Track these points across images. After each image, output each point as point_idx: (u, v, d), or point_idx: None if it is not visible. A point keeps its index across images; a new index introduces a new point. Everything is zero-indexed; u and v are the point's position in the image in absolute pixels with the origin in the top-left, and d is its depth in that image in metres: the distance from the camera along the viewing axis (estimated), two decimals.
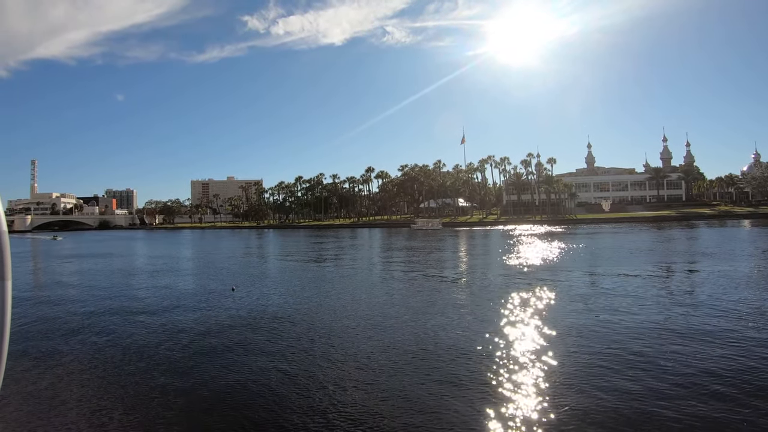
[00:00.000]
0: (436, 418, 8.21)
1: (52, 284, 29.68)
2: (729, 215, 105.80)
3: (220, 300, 20.86)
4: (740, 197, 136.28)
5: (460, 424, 7.97)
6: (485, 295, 20.13)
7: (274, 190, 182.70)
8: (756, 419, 7.74)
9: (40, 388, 10.29)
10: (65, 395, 9.89)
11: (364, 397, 9.25)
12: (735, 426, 7.58)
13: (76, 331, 15.72)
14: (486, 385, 9.54)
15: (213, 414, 8.85)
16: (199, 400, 9.45)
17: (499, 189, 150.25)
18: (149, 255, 53.47)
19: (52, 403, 9.48)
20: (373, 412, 8.54)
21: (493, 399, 8.86)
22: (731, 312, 15.15)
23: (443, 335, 13.50)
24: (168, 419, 8.62)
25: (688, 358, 10.67)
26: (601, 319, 14.77)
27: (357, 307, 18.64)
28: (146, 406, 9.20)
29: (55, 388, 10.31)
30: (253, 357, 12.09)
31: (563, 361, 10.71)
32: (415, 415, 8.31)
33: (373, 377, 10.30)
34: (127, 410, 9.02)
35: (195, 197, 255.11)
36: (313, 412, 8.62)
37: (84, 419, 8.71)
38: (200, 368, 11.31)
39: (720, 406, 8.18)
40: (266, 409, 8.86)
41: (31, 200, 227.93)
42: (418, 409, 8.57)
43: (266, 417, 8.54)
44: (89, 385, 10.40)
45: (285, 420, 8.37)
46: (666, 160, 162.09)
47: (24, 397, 9.76)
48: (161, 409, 9.04)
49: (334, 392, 9.49)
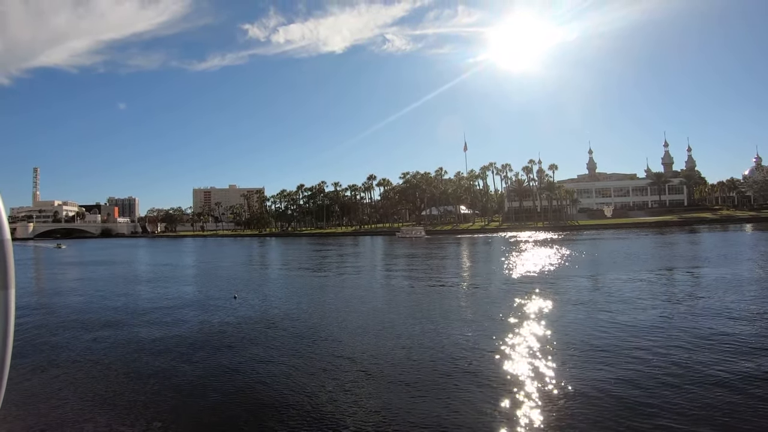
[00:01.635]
0: (437, 417, 8.25)
1: (55, 292, 29.76)
2: (731, 219, 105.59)
3: (222, 307, 20.90)
4: (742, 201, 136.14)
5: (460, 424, 8.03)
6: (486, 302, 20.12)
7: (276, 198, 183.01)
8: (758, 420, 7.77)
9: (42, 395, 10.34)
10: (67, 403, 9.93)
11: (365, 399, 9.28)
12: (735, 426, 7.62)
13: (77, 339, 15.75)
14: (486, 387, 9.56)
15: (214, 418, 8.89)
16: (201, 404, 9.51)
17: (500, 196, 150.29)
18: (152, 263, 53.57)
19: (54, 409, 9.53)
20: (373, 412, 8.58)
21: (493, 400, 8.90)
22: (733, 316, 15.15)
23: (445, 342, 13.50)
24: (168, 425, 8.67)
25: (690, 362, 10.68)
26: (602, 323, 14.77)
27: (356, 315, 18.64)
28: (145, 412, 9.23)
29: (58, 396, 10.35)
30: (255, 363, 12.11)
31: (563, 365, 10.72)
32: (416, 415, 8.35)
33: (373, 381, 10.32)
34: (126, 416, 9.06)
35: (197, 205, 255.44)
36: (314, 417, 8.65)
37: (86, 426, 8.76)
38: (202, 374, 11.36)
39: (720, 406, 8.21)
40: (266, 414, 8.89)
41: (34, 208, 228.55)
42: (419, 409, 8.61)
43: (266, 421, 8.58)
44: (91, 393, 10.44)
45: (284, 425, 8.42)
46: (667, 165, 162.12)
47: (27, 403, 9.80)
48: (162, 415, 9.09)
49: (334, 396, 9.53)
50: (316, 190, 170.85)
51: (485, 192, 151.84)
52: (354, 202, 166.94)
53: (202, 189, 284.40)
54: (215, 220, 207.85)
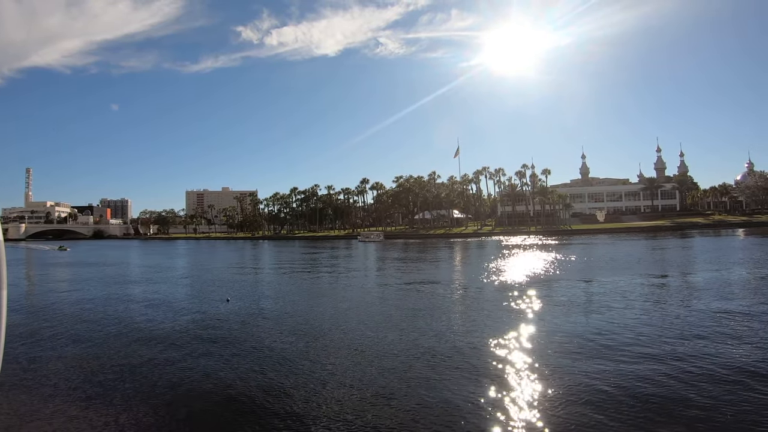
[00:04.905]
0: (437, 419, 8.18)
1: (45, 292, 29.42)
2: (723, 224, 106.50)
3: (214, 310, 20.77)
4: (734, 206, 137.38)
5: (459, 425, 7.97)
6: (477, 304, 20.12)
7: (269, 201, 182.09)
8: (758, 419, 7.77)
9: (33, 394, 10.19)
10: (58, 403, 9.79)
11: (360, 399, 9.21)
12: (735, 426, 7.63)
13: (68, 340, 15.56)
14: (482, 388, 9.51)
15: (207, 420, 8.79)
16: (191, 404, 9.43)
17: (493, 200, 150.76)
18: (145, 265, 53.14)
19: (47, 408, 9.42)
20: (371, 413, 8.51)
21: (487, 397, 8.85)
22: (724, 317, 15.22)
23: (437, 341, 13.46)
24: (161, 423, 8.57)
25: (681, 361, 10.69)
26: (592, 325, 14.78)
27: (348, 315, 18.58)
28: (136, 414, 9.12)
29: (50, 395, 10.20)
30: (247, 365, 12.02)
31: (555, 367, 10.71)
32: (415, 415, 8.29)
33: (368, 380, 10.26)
34: (116, 413, 8.95)
35: (190, 208, 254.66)
36: (308, 416, 8.57)
37: (79, 424, 8.64)
38: (194, 377, 11.27)
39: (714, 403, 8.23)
40: (256, 413, 8.81)
41: (26, 209, 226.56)
42: (418, 409, 8.55)
43: (257, 421, 8.49)
44: (83, 392, 10.31)
45: (282, 422, 8.33)
46: (660, 170, 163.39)
47: (19, 402, 9.72)
48: (152, 411, 8.98)
49: (325, 397, 9.45)
50: (310, 194, 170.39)
51: (478, 196, 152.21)
52: (347, 205, 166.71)
53: (195, 191, 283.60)
54: (208, 222, 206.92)
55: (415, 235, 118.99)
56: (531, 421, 8.25)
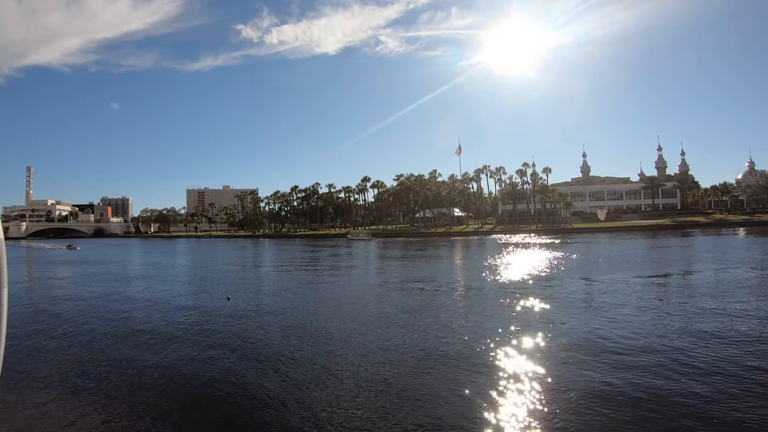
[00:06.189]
0: (437, 418, 8.19)
1: (47, 291, 29.44)
2: (724, 223, 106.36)
3: (216, 309, 20.77)
4: (735, 205, 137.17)
5: (460, 424, 7.98)
6: (477, 303, 20.11)
7: (270, 199, 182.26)
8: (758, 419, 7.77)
9: (34, 393, 10.19)
10: (60, 401, 9.80)
11: (362, 397, 9.21)
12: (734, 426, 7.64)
13: (69, 339, 15.57)
14: (482, 387, 9.51)
15: (208, 419, 8.80)
16: (194, 405, 9.42)
17: (494, 198, 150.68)
18: (146, 263, 53.18)
19: (48, 407, 9.44)
20: (371, 413, 8.51)
21: (492, 401, 8.85)
22: (725, 316, 15.20)
23: (437, 342, 13.45)
24: (160, 425, 8.57)
25: (682, 363, 10.68)
26: (592, 323, 14.77)
27: (348, 314, 18.58)
28: (136, 413, 9.13)
29: (51, 394, 10.21)
30: (248, 363, 12.02)
31: (555, 366, 10.71)
32: (414, 415, 8.30)
33: (365, 378, 10.27)
34: (115, 411, 8.96)
35: (191, 206, 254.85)
36: (308, 416, 8.57)
37: (78, 423, 8.64)
38: (195, 375, 11.26)
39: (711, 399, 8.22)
40: (256, 411, 8.81)
41: (27, 207, 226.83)
42: (419, 409, 8.55)
43: (256, 418, 8.49)
44: (82, 392, 10.31)
45: (280, 419, 8.34)
46: (661, 168, 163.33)
47: (20, 401, 9.72)
48: (151, 417, 8.99)
49: (330, 395, 9.45)
50: (310, 192, 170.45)
51: (479, 195, 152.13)
52: (348, 203, 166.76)
53: (196, 190, 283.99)
54: (209, 220, 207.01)
55: (414, 233, 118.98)
56: (531, 421, 8.25)
